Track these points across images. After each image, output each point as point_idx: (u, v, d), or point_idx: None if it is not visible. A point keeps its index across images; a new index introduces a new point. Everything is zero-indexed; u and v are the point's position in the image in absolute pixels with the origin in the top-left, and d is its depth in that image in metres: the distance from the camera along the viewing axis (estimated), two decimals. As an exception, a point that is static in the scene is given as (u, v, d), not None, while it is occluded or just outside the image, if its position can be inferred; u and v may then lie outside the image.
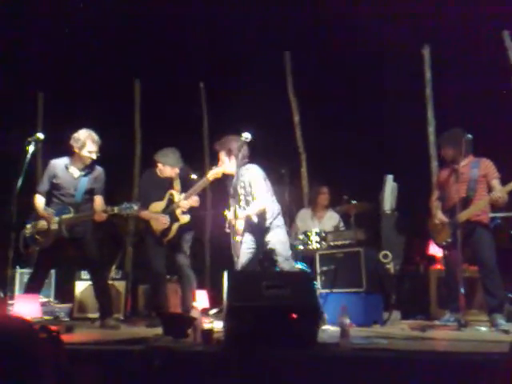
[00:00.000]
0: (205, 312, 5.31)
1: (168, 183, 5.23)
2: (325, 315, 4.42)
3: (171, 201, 5.16)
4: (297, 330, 3.20)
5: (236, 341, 3.27)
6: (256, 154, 4.74)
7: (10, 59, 7.72)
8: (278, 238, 4.59)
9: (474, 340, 3.72)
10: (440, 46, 6.49)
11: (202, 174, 5.18)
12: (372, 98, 6.65)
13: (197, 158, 7.34)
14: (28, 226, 4.86)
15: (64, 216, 4.74)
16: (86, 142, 4.80)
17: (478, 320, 4.84)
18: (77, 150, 4.82)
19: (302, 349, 3.15)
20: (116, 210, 4.70)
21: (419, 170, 6.68)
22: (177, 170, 5.22)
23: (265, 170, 5.14)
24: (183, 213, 5.11)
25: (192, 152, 6.52)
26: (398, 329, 4.54)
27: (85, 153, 4.82)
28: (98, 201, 4.94)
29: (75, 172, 4.89)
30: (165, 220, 5.07)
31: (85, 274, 6.00)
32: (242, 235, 4.57)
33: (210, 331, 3.51)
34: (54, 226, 4.73)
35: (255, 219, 4.53)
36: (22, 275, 6.30)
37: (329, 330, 4.19)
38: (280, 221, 4.69)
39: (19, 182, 4.42)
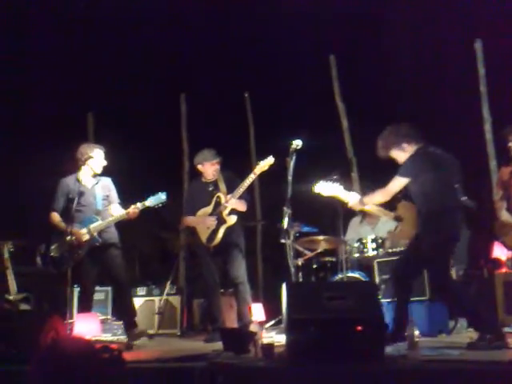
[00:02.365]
0: (262, 325, 5.21)
1: (213, 186, 5.20)
2: None
3: (218, 203, 5.10)
4: (362, 343, 3.07)
5: (299, 355, 3.16)
6: (306, 160, 4.63)
7: (60, 81, 7.94)
8: None
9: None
10: (494, 40, 6.22)
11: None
12: (423, 97, 6.44)
13: (244, 169, 7.32)
14: (53, 247, 4.83)
15: (92, 225, 4.75)
16: (91, 153, 4.87)
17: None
18: (83, 162, 4.87)
19: (368, 363, 3.01)
20: (147, 203, 4.74)
21: (476, 169, 6.39)
22: (217, 166, 5.17)
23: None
24: (230, 213, 5.04)
25: (239, 163, 6.49)
26: (465, 338, 4.28)
27: (93, 163, 4.88)
28: (116, 207, 4.96)
29: (88, 182, 4.92)
30: (210, 221, 5.04)
31: (141, 291, 6.03)
32: None
33: (271, 346, 3.42)
34: (86, 237, 4.72)
35: None
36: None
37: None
38: None
39: (75, 202, 4.50)
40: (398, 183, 4.02)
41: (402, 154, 4.09)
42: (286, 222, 4.34)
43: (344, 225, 5.73)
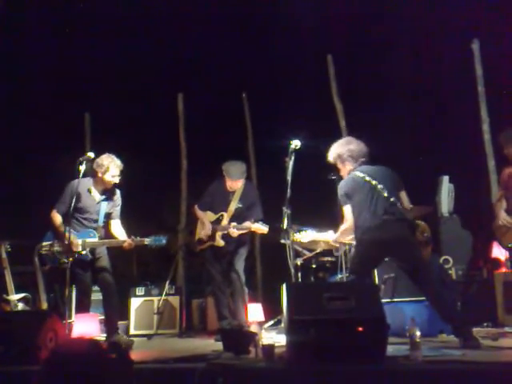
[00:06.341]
0: (261, 325, 5.20)
1: (230, 197, 5.26)
2: None
3: (219, 221, 5.23)
4: (364, 343, 3.05)
5: (299, 356, 3.14)
6: (304, 161, 4.62)
7: (57, 81, 7.91)
8: None
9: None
10: (491, 40, 6.22)
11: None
12: (421, 97, 6.43)
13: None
14: (44, 243, 4.79)
15: (88, 240, 4.69)
16: (110, 166, 4.76)
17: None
18: (100, 175, 4.79)
19: (370, 363, 3.00)
20: (146, 241, 4.74)
21: (475, 169, 6.40)
22: (237, 184, 5.20)
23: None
24: (222, 237, 5.17)
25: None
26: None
27: (108, 177, 4.78)
28: (116, 223, 4.95)
29: (97, 196, 4.86)
30: (208, 229, 5.18)
31: (140, 291, 6.01)
32: None
33: (272, 347, 3.40)
34: (78, 249, 4.65)
35: None
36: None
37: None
38: None
39: (73, 201, 4.47)
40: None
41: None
42: (285, 223, 4.32)
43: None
